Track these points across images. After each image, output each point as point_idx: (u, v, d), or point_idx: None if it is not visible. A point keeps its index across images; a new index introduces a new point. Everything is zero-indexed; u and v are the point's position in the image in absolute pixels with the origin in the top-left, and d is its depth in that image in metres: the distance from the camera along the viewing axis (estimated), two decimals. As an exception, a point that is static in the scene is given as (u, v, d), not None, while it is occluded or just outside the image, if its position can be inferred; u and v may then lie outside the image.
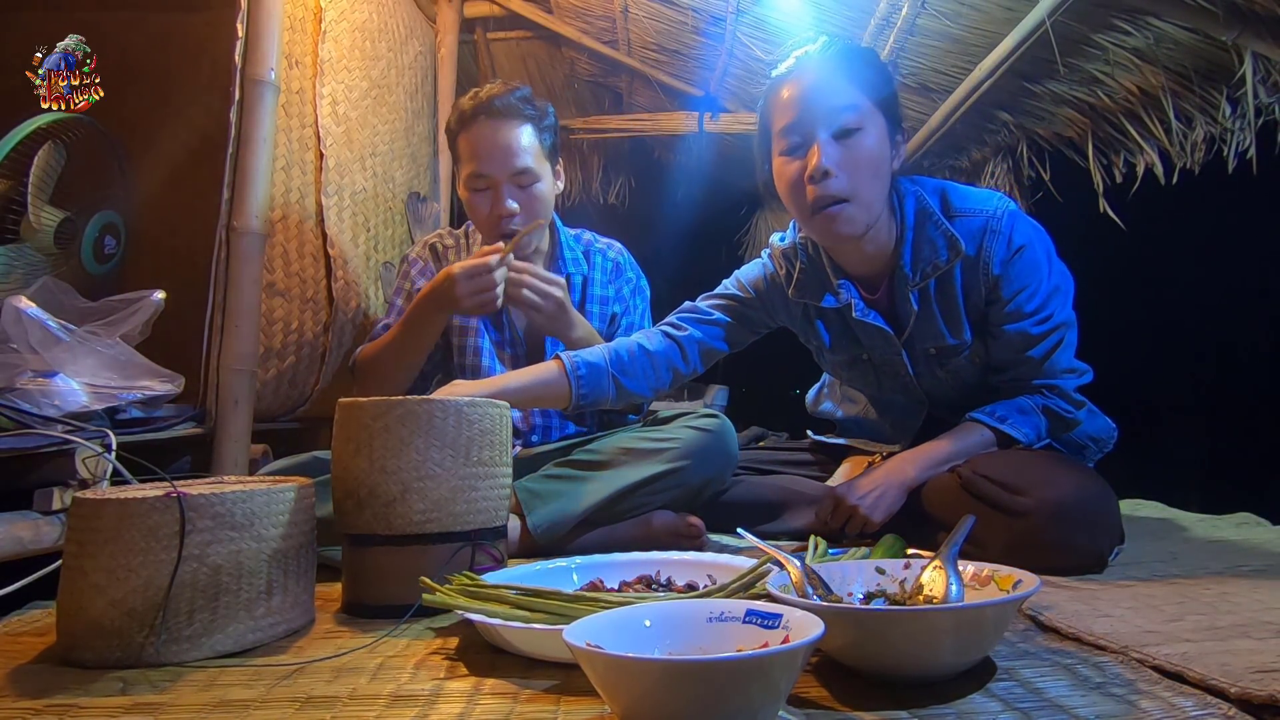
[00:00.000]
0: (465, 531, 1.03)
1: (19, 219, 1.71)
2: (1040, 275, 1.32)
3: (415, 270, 1.70)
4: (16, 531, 1.12)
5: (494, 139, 1.55)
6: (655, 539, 1.41)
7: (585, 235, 1.78)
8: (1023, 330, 1.33)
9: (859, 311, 1.40)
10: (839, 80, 1.27)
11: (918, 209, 1.35)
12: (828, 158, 1.25)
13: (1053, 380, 1.36)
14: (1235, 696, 0.65)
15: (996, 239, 1.31)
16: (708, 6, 2.70)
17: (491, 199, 1.56)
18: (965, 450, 1.34)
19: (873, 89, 1.28)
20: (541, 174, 1.59)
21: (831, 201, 1.26)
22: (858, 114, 1.26)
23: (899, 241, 1.35)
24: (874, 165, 1.27)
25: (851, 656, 0.75)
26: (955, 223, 1.33)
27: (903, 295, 1.37)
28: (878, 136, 1.28)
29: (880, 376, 1.52)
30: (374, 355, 1.58)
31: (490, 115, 1.55)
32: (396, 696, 0.72)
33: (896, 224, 1.36)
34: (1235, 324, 2.46)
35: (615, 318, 1.73)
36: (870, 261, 1.39)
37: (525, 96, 1.59)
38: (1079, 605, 0.95)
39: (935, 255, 1.33)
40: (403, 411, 1.02)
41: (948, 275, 1.35)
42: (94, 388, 1.36)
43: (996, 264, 1.31)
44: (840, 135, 1.26)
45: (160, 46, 2.18)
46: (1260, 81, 1.83)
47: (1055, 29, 1.97)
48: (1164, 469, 2.19)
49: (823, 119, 1.26)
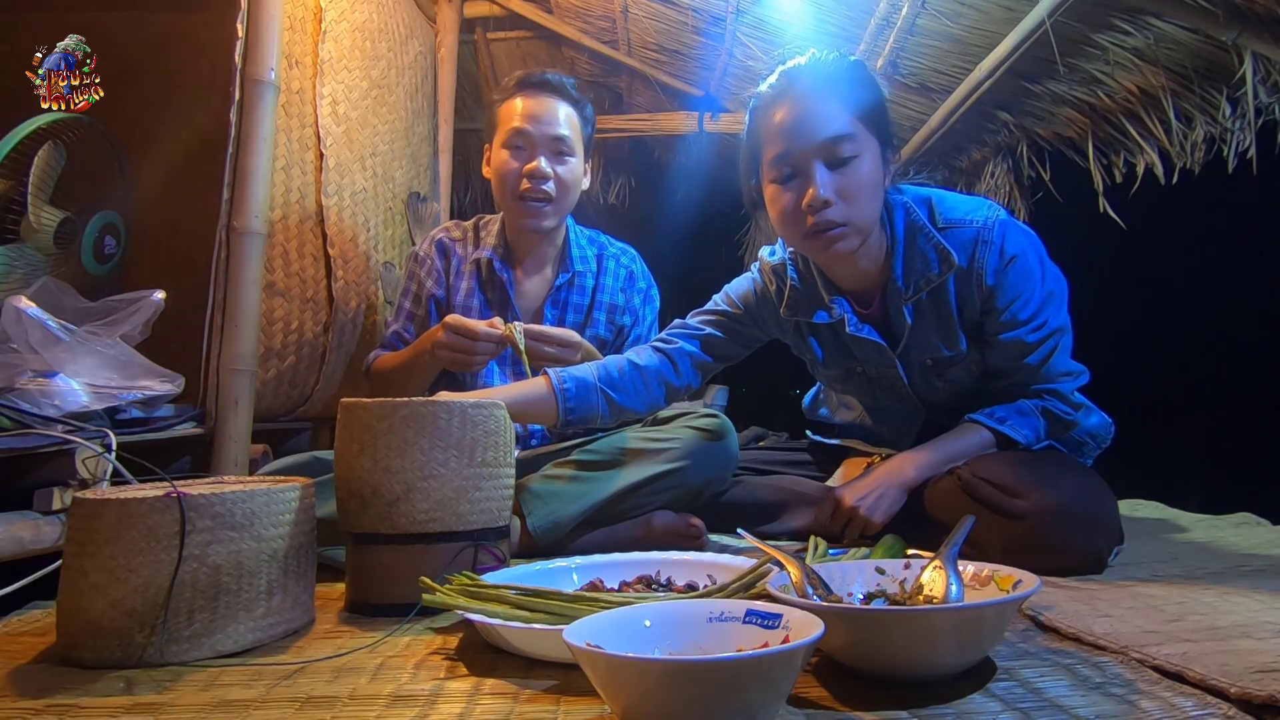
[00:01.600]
0: (468, 531, 1.03)
1: (19, 219, 1.71)
2: (1033, 283, 1.32)
3: (423, 270, 1.71)
4: (16, 531, 1.12)
5: (540, 105, 1.62)
6: (656, 539, 1.41)
7: (600, 237, 1.79)
8: (1018, 339, 1.33)
9: (853, 327, 1.39)
10: (830, 106, 1.24)
11: (907, 221, 1.34)
12: (825, 188, 1.23)
13: (1050, 384, 1.36)
14: (1235, 696, 0.65)
15: (989, 250, 1.30)
16: (708, 6, 2.70)
17: (526, 158, 1.61)
18: (965, 451, 1.34)
19: (864, 110, 1.26)
20: (576, 152, 1.65)
21: (830, 227, 1.25)
22: (853, 142, 1.24)
23: (889, 255, 1.34)
24: (870, 190, 1.26)
25: (851, 656, 0.75)
26: (946, 234, 1.32)
27: (896, 309, 1.36)
28: (872, 160, 1.26)
29: (875, 388, 1.52)
30: (386, 375, 1.62)
31: (542, 86, 1.64)
32: (396, 696, 0.72)
33: (887, 237, 1.35)
34: (1235, 324, 2.46)
35: (623, 330, 1.73)
36: (862, 276, 1.38)
37: (573, 83, 1.68)
38: (1079, 605, 0.95)
39: (927, 268, 1.32)
40: (407, 412, 1.02)
41: (941, 287, 1.34)
42: (94, 388, 1.36)
43: (990, 274, 1.30)
44: (835, 165, 1.24)
45: (160, 46, 2.18)
46: (1260, 81, 1.83)
47: (1055, 29, 1.97)
48: (1164, 469, 2.18)
49: (817, 150, 1.24)
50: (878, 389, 1.51)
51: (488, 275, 1.69)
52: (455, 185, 3.17)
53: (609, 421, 1.44)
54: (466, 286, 1.68)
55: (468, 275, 1.69)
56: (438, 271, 1.70)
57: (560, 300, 1.70)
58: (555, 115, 1.62)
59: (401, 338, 1.69)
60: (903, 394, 1.47)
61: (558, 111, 1.62)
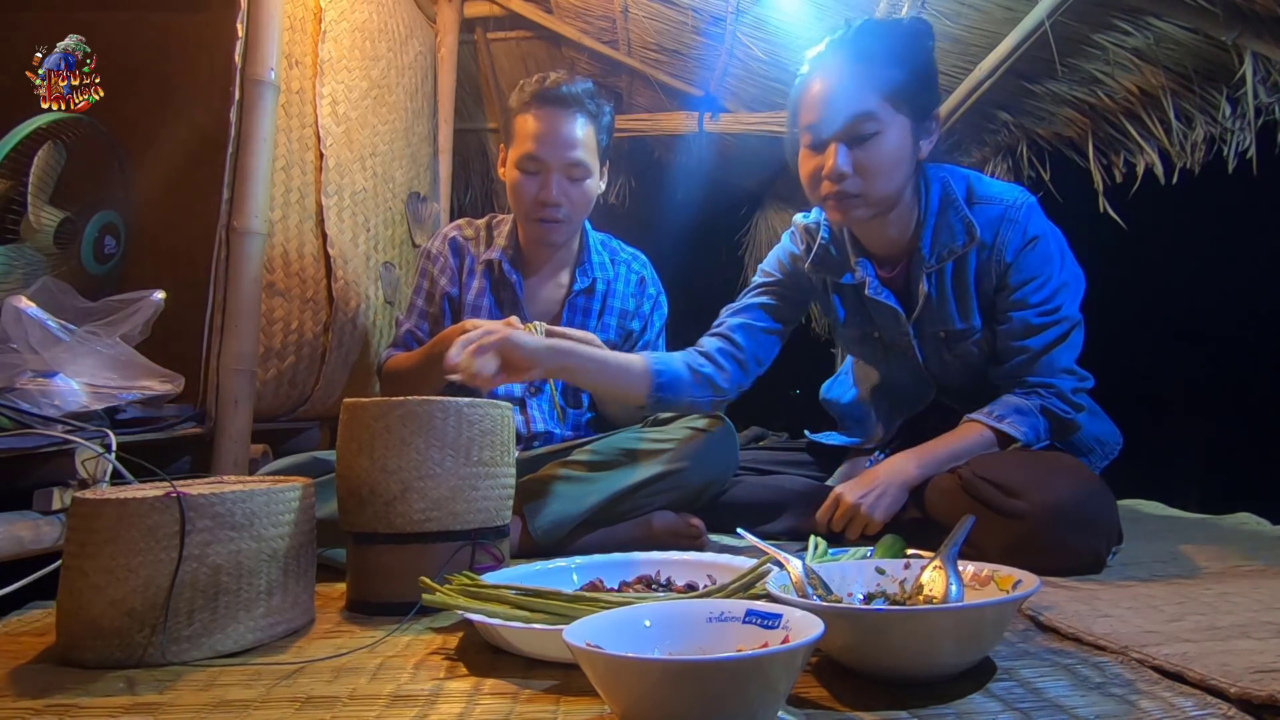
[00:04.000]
0: (466, 531, 1.04)
1: (19, 219, 1.71)
2: (1051, 269, 1.36)
3: (436, 268, 1.68)
4: (16, 531, 1.12)
5: (556, 126, 1.56)
6: (656, 539, 1.41)
7: (612, 242, 1.78)
8: (1025, 319, 1.35)
9: (872, 289, 1.44)
10: (857, 86, 1.30)
11: (942, 195, 1.40)
12: (842, 162, 1.31)
13: (1049, 379, 1.36)
14: (1235, 696, 0.65)
15: (1013, 228, 1.36)
16: (708, 6, 2.70)
17: (540, 183, 1.57)
18: (965, 450, 1.34)
19: (892, 89, 1.30)
20: (592, 171, 1.60)
21: (845, 196, 1.33)
22: (874, 121, 1.30)
23: (920, 225, 1.40)
24: (888, 167, 1.31)
25: (851, 656, 0.75)
26: (975, 210, 1.38)
27: (918, 277, 1.41)
28: (896, 137, 1.31)
29: (889, 355, 1.54)
30: (399, 376, 1.59)
31: (557, 102, 1.57)
32: (396, 696, 0.72)
33: (920, 208, 1.41)
34: (1235, 324, 2.46)
35: (632, 335, 1.72)
36: (891, 243, 1.44)
37: (590, 91, 1.61)
38: (1079, 605, 0.95)
39: (952, 240, 1.38)
40: (403, 412, 1.02)
41: (963, 260, 1.39)
42: (94, 388, 1.35)
43: (1009, 252, 1.36)
44: (855, 141, 1.31)
45: (160, 46, 2.18)
46: (1260, 81, 1.83)
47: (1055, 29, 1.97)
48: (1164, 469, 2.18)
49: (839, 126, 1.31)
50: (891, 357, 1.54)
51: (499, 276, 1.67)
52: (455, 185, 3.16)
53: (699, 402, 1.48)
54: (478, 286, 1.67)
55: (479, 275, 1.67)
56: (451, 269, 1.68)
57: (576, 305, 1.70)
58: (572, 137, 1.56)
59: (415, 336, 1.67)
60: (914, 366, 1.50)
61: (575, 132, 1.56)
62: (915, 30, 1.37)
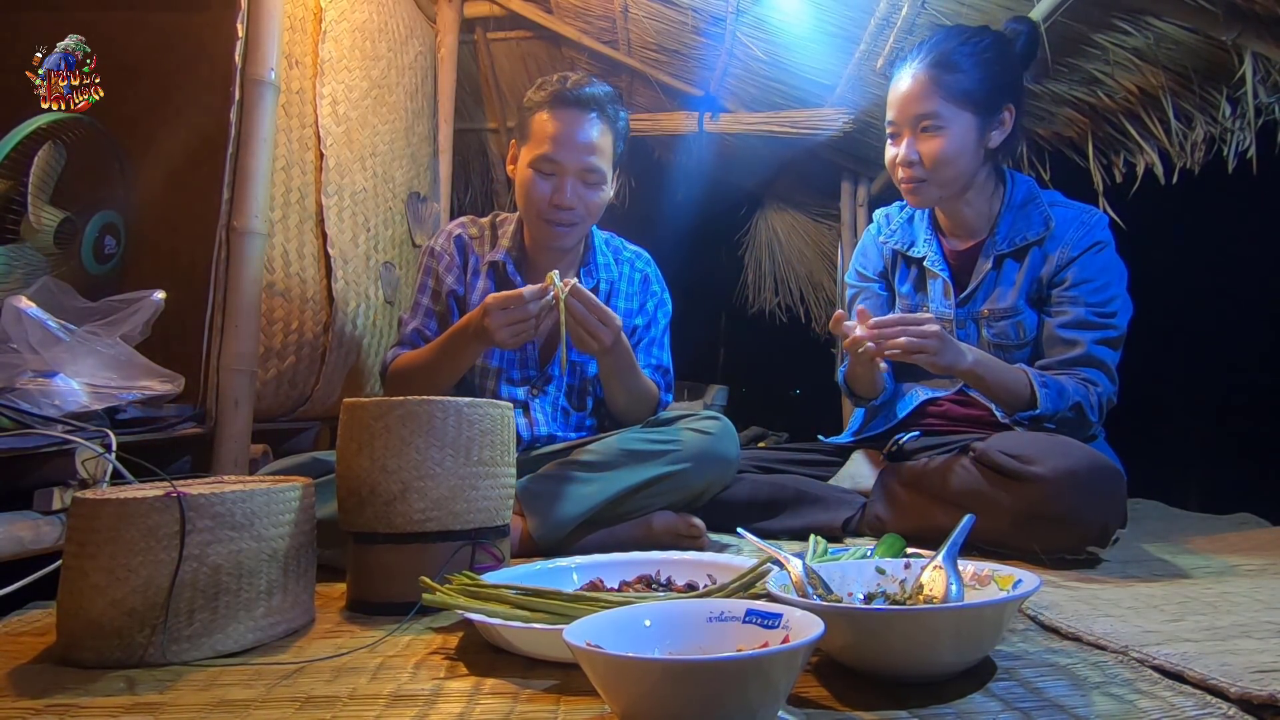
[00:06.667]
0: (466, 530, 1.04)
1: (19, 219, 1.71)
2: (1110, 278, 1.50)
3: (442, 266, 1.65)
4: (16, 531, 1.12)
5: (574, 129, 1.54)
6: (656, 539, 1.41)
7: (615, 240, 1.78)
8: (1081, 315, 1.47)
9: (931, 262, 1.63)
10: (922, 88, 1.51)
11: (1028, 192, 1.59)
12: (911, 152, 1.54)
13: (1097, 372, 1.45)
14: (1235, 696, 0.65)
15: (1084, 230, 1.52)
16: (708, 6, 2.70)
17: (554, 186, 1.55)
18: (1004, 379, 1.43)
19: (957, 92, 1.50)
20: (607, 178, 1.59)
21: (914, 180, 1.56)
22: (939, 119, 1.51)
23: (1000, 214, 1.59)
24: (951, 158, 1.52)
25: (851, 656, 0.75)
26: (1054, 209, 1.56)
27: (984, 257, 1.58)
28: (960, 133, 1.51)
29: None
30: (407, 374, 1.55)
31: (577, 104, 1.55)
32: (396, 696, 0.72)
33: (1003, 199, 1.59)
34: (1235, 324, 2.46)
35: (636, 331, 1.71)
36: (967, 225, 1.63)
37: (611, 96, 1.59)
38: (1079, 605, 0.95)
39: (1028, 229, 1.55)
40: (403, 411, 1.02)
41: (1030, 250, 1.54)
42: (94, 388, 1.35)
43: (1075, 248, 1.50)
44: (923, 135, 1.52)
45: (160, 46, 2.17)
46: (1260, 81, 1.83)
47: (1055, 29, 1.96)
48: (1164, 469, 2.18)
49: (908, 122, 1.54)
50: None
51: (503, 278, 1.65)
52: (455, 185, 3.16)
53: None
54: (482, 286, 1.64)
55: (484, 275, 1.65)
56: (457, 268, 1.66)
57: None
58: (589, 141, 1.54)
59: (422, 335, 1.63)
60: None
61: (592, 136, 1.54)
62: (991, 38, 1.54)
